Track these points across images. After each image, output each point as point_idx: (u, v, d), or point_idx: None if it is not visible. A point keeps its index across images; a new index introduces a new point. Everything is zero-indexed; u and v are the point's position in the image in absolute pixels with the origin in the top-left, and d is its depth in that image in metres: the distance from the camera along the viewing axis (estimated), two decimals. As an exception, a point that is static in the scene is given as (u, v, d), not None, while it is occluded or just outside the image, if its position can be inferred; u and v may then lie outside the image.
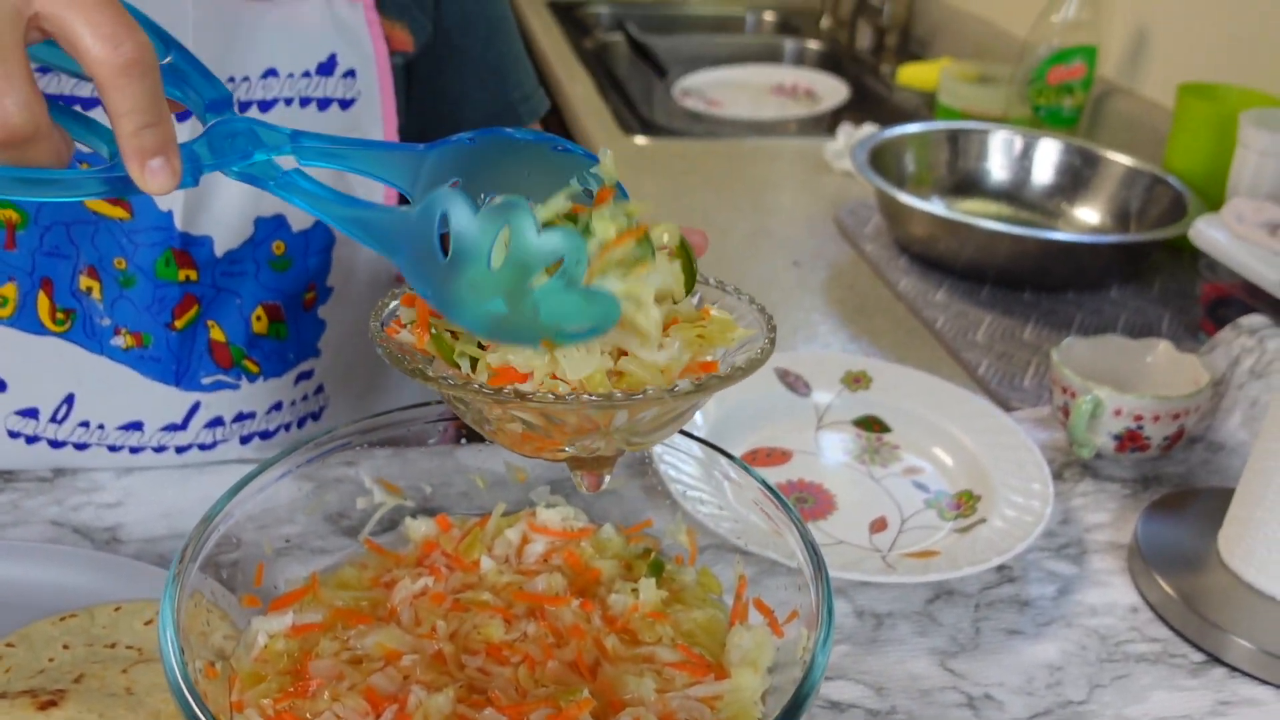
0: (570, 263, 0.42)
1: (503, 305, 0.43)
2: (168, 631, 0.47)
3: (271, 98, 0.74)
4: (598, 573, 0.57)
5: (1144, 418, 0.81)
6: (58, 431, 0.75)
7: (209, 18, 0.70)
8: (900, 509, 0.78)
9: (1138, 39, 1.49)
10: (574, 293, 0.42)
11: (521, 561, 0.59)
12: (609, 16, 2.22)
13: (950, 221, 1.11)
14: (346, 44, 0.76)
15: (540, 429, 0.47)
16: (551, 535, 0.60)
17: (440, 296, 0.44)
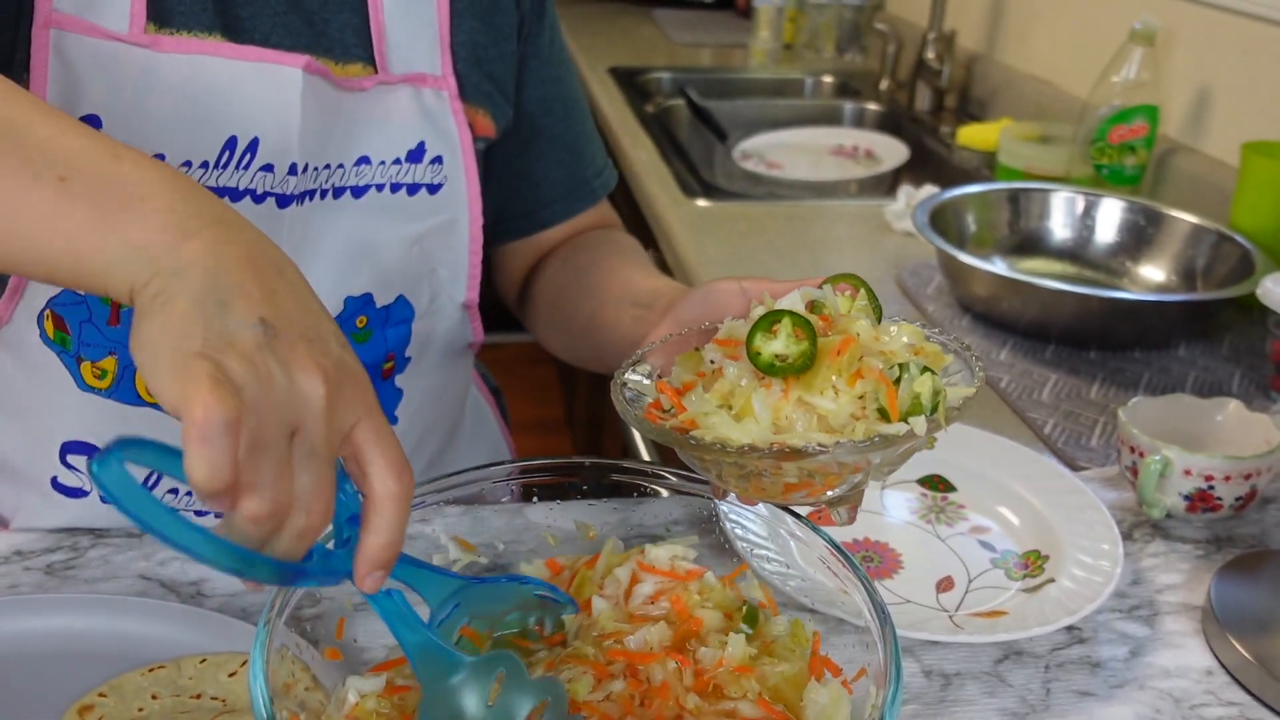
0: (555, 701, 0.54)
1: None
2: (258, 681, 0.49)
3: (365, 184, 0.78)
4: (700, 623, 0.58)
5: (1215, 478, 0.80)
6: (146, 494, 0.78)
7: (312, 109, 0.74)
8: (967, 568, 0.78)
9: (1200, 98, 1.49)
10: None
11: (630, 602, 0.60)
12: (670, 82, 2.27)
13: (1013, 281, 1.11)
14: (434, 132, 0.80)
15: (814, 476, 0.56)
16: (660, 575, 0.61)
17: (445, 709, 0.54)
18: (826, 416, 0.55)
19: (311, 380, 0.44)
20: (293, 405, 0.44)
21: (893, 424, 0.54)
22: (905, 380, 0.55)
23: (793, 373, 0.55)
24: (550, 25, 0.92)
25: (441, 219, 0.83)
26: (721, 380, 0.58)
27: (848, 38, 2.52)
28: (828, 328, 0.58)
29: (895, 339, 0.58)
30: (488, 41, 0.85)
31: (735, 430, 0.55)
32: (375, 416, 0.47)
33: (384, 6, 0.79)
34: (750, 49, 2.51)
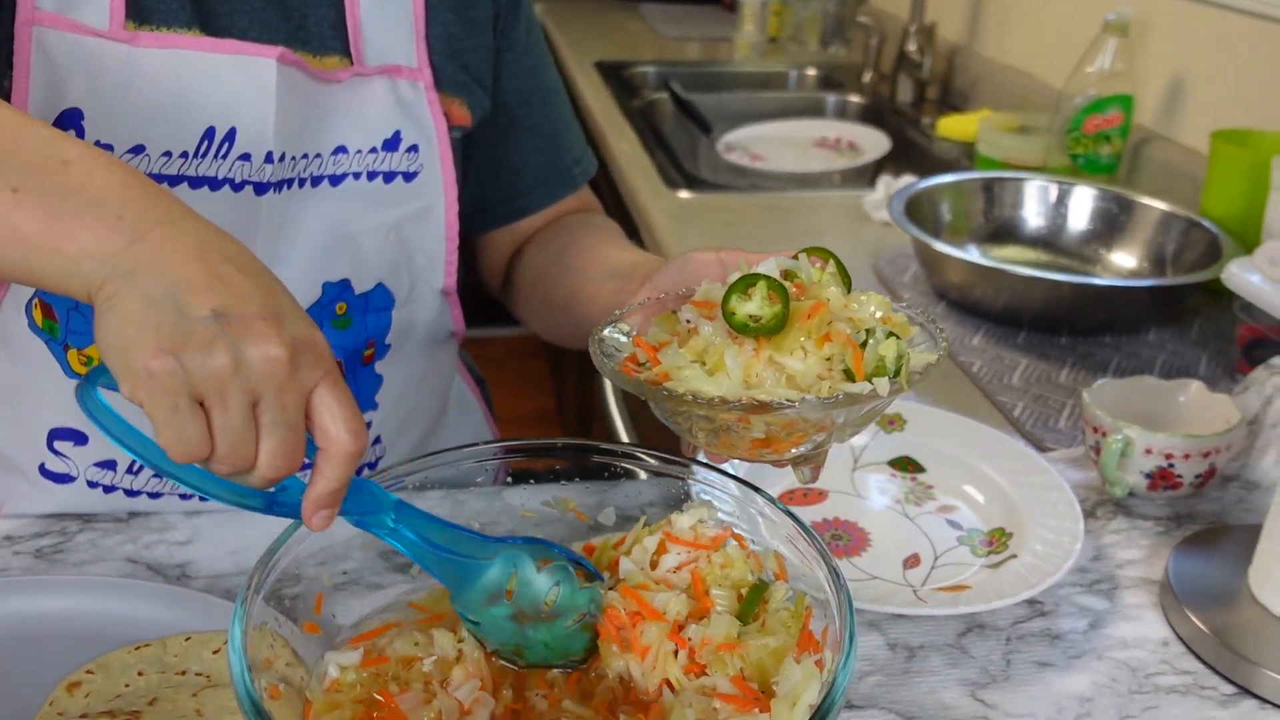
0: (594, 612, 0.59)
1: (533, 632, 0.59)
2: (237, 655, 0.51)
3: (341, 172, 0.80)
4: (711, 604, 0.60)
5: (1174, 456, 0.82)
6: (133, 482, 0.80)
7: (288, 99, 0.76)
8: (934, 546, 0.80)
9: (1173, 87, 1.51)
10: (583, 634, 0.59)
11: (656, 571, 0.62)
12: (654, 76, 2.29)
13: (985, 268, 1.13)
14: (409, 121, 0.81)
15: (780, 431, 0.59)
16: (684, 545, 0.63)
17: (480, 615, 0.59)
18: (795, 375, 0.57)
19: (267, 356, 0.48)
20: (251, 381, 0.48)
21: (857, 383, 0.56)
22: (871, 344, 0.57)
23: (765, 333, 0.58)
24: (526, 18, 0.94)
25: (417, 206, 0.84)
26: (696, 338, 0.61)
27: (831, 31, 2.54)
28: (800, 294, 0.60)
29: (864, 307, 0.60)
30: (463, 34, 0.87)
31: (707, 384, 0.58)
32: (334, 382, 0.51)
33: (361, 3, 0.81)
34: (735, 42, 2.53)
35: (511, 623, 0.59)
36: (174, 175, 0.74)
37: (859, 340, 0.58)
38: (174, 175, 0.74)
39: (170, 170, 0.74)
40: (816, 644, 0.58)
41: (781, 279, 0.61)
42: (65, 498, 0.81)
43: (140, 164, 0.74)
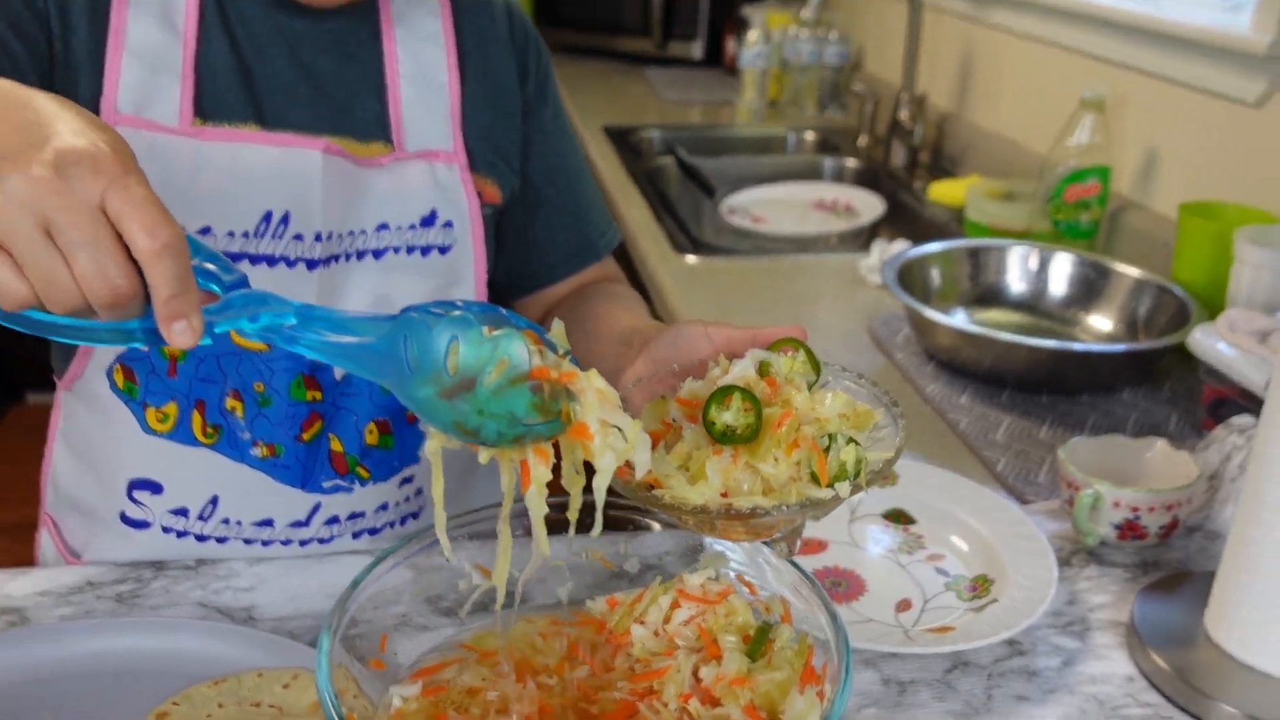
0: (515, 362, 0.56)
1: (457, 407, 0.56)
2: (326, 689, 0.59)
3: (384, 247, 0.89)
4: (719, 650, 0.68)
5: (1140, 509, 0.91)
6: (203, 528, 0.89)
7: (334, 181, 0.85)
8: (923, 591, 0.89)
9: (1147, 160, 1.62)
10: (521, 387, 0.56)
11: (669, 625, 0.71)
12: (660, 140, 2.40)
13: (971, 334, 1.23)
14: (445, 200, 0.91)
15: (767, 527, 0.66)
16: (694, 601, 0.72)
17: (417, 403, 0.57)
18: (769, 479, 0.66)
19: (28, 176, 0.48)
20: (23, 208, 0.48)
21: (822, 489, 0.65)
22: (834, 449, 0.65)
23: (741, 441, 0.66)
24: (553, 104, 1.04)
25: (452, 276, 0.94)
26: (681, 442, 0.69)
27: (828, 96, 2.65)
28: (773, 393, 0.68)
29: (829, 408, 0.68)
30: (495, 120, 0.97)
31: (690, 492, 0.65)
32: (123, 187, 0.50)
33: (402, 95, 0.91)
34: (737, 106, 2.65)
35: (442, 401, 0.56)
36: (236, 253, 0.84)
37: (824, 445, 0.66)
38: (236, 253, 0.84)
39: (234, 248, 0.84)
40: (818, 677, 0.66)
41: (758, 372, 0.70)
42: (142, 544, 0.90)
43: (208, 240, 0.83)
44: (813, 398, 0.70)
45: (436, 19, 0.93)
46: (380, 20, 0.91)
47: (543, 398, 0.57)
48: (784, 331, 0.74)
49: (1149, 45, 1.60)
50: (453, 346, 0.56)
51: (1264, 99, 1.39)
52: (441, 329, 0.56)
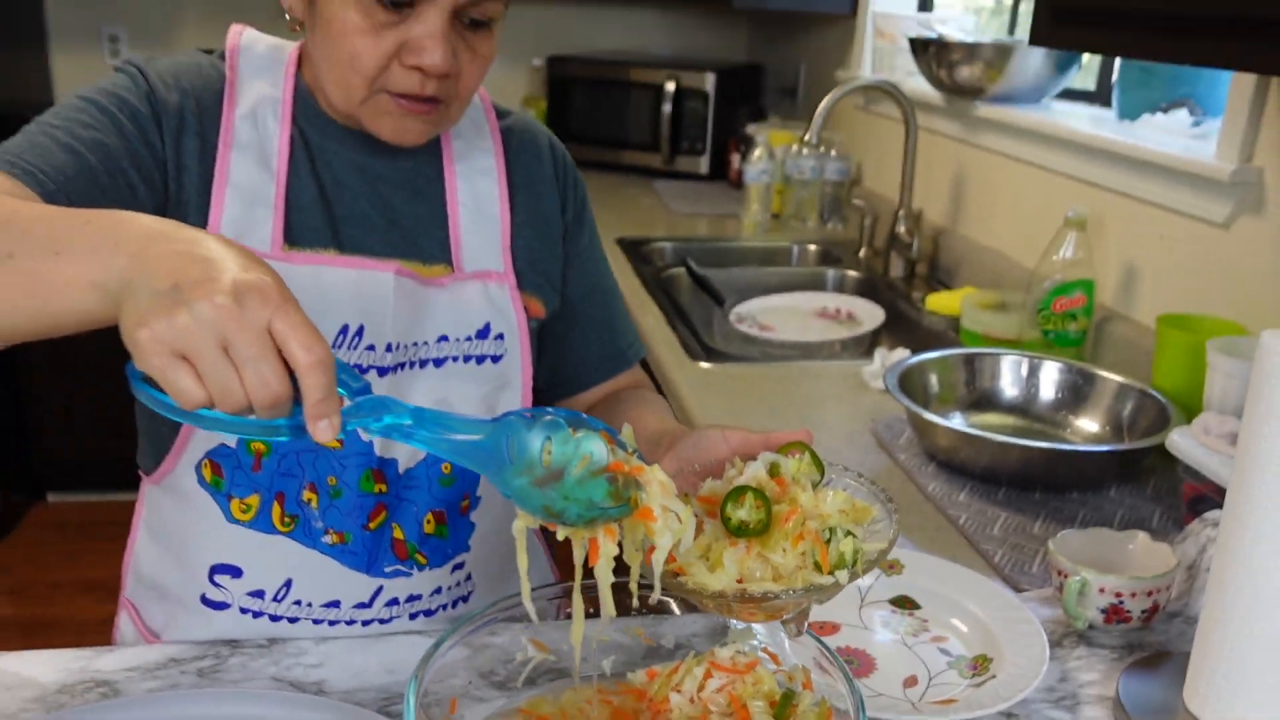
0: (597, 458, 0.68)
1: (546, 494, 0.68)
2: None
3: (444, 356, 1.01)
4: (748, 714, 0.77)
5: (1124, 594, 1.00)
6: (277, 608, 0.98)
7: (402, 299, 0.97)
8: (928, 669, 0.98)
9: (1127, 274, 1.75)
10: (600, 479, 0.69)
11: (703, 693, 0.80)
12: (671, 252, 2.54)
13: (968, 435, 1.33)
14: (497, 314, 1.03)
15: (776, 609, 0.75)
16: (724, 671, 0.81)
17: (513, 490, 0.68)
18: (778, 568, 0.75)
19: (214, 304, 0.59)
20: (210, 328, 0.59)
21: (824, 576, 0.74)
22: (834, 542, 0.75)
23: (753, 535, 0.76)
24: (589, 230, 1.16)
25: (501, 382, 1.05)
26: (702, 535, 0.78)
27: (829, 209, 2.81)
28: (781, 491, 0.78)
29: (830, 504, 0.78)
30: (539, 245, 1.09)
31: (710, 579, 0.75)
32: (285, 313, 0.61)
33: (461, 223, 1.04)
34: (742, 219, 2.80)
35: (534, 489, 0.68)
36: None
37: (825, 538, 0.76)
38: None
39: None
40: (838, 739, 0.75)
41: (768, 472, 0.80)
42: (220, 624, 0.99)
43: None
44: (816, 496, 0.80)
45: (491, 157, 1.06)
46: (444, 159, 1.04)
47: (617, 487, 0.69)
48: (792, 436, 0.85)
49: (1126, 169, 1.74)
50: (546, 445, 0.69)
51: (1231, 220, 1.53)
52: (537, 430, 0.69)
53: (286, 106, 0.98)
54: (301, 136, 0.99)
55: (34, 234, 0.67)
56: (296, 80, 1.00)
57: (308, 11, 0.93)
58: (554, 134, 1.16)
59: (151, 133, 0.92)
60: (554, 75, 3.51)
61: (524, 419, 0.69)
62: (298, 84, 1.00)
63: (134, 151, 0.90)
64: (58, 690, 0.90)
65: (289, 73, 0.99)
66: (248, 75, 0.98)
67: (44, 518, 3.37)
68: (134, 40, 3.67)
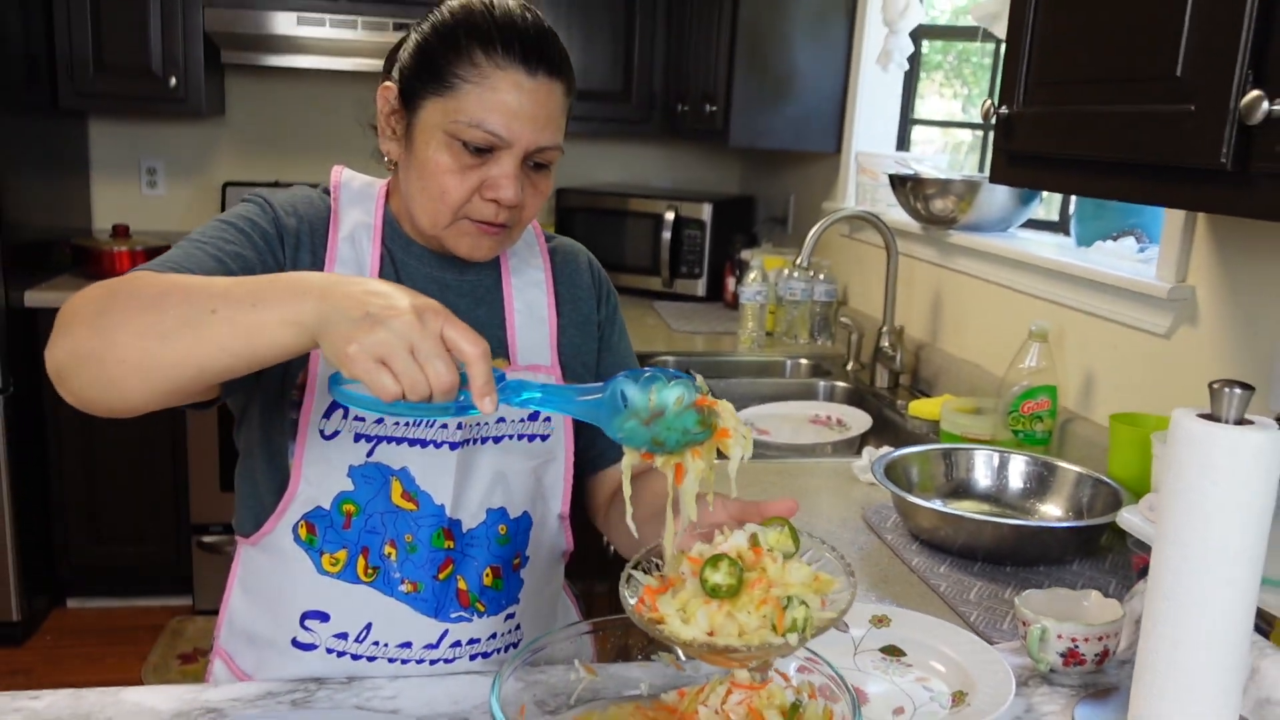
0: (688, 397, 0.91)
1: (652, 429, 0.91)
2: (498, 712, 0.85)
3: (501, 434, 1.20)
4: (763, 719, 0.94)
5: (1078, 639, 1.18)
6: (358, 649, 1.15)
7: None
8: (914, 702, 1.14)
9: (1086, 380, 1.96)
10: (691, 411, 0.91)
11: (726, 705, 0.96)
12: (674, 364, 2.76)
13: (948, 515, 1.52)
14: None
15: (737, 660, 0.90)
16: (743, 689, 0.97)
17: (625, 432, 0.90)
18: (744, 626, 0.89)
19: (404, 321, 0.82)
20: (401, 338, 0.82)
21: (776, 637, 0.88)
22: (790, 608, 0.89)
23: (725, 596, 0.88)
24: (620, 329, 1.36)
25: (548, 456, 1.23)
26: (683, 591, 0.93)
27: (818, 327, 3.04)
28: (756, 560, 0.93)
29: (794, 575, 0.91)
30: (580, 341, 1.29)
31: (684, 630, 0.88)
32: (454, 323, 0.84)
33: (516, 325, 1.24)
34: (739, 336, 3.02)
35: (642, 427, 0.90)
36: (399, 437, 1.14)
37: (784, 605, 0.87)
38: (399, 437, 1.14)
39: (398, 433, 1.14)
40: (838, 740, 0.92)
41: (750, 542, 0.94)
42: (308, 663, 1.15)
43: (379, 429, 1.13)
44: (784, 568, 0.91)
45: (541, 272, 1.28)
46: (502, 273, 1.25)
47: (703, 415, 0.91)
48: (779, 508, 1.00)
49: (1082, 289, 1.98)
50: (650, 391, 0.91)
51: (1171, 331, 1.75)
52: (643, 384, 0.92)
53: (377, 231, 1.19)
54: (389, 254, 1.20)
55: (232, 294, 0.89)
56: (385, 210, 1.22)
57: (404, 155, 1.15)
58: None
59: (278, 250, 1.13)
60: (562, 205, 3.79)
61: (629, 378, 0.92)
62: (386, 213, 1.22)
63: (265, 263, 1.11)
64: (173, 715, 1.07)
65: (379, 204, 1.21)
66: (346, 205, 1.20)
67: (64, 623, 3.48)
68: (169, 173, 3.95)
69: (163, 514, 3.47)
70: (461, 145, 1.10)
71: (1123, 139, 1.29)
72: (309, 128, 3.94)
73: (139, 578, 3.56)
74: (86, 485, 3.42)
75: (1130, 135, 1.28)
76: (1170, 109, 1.20)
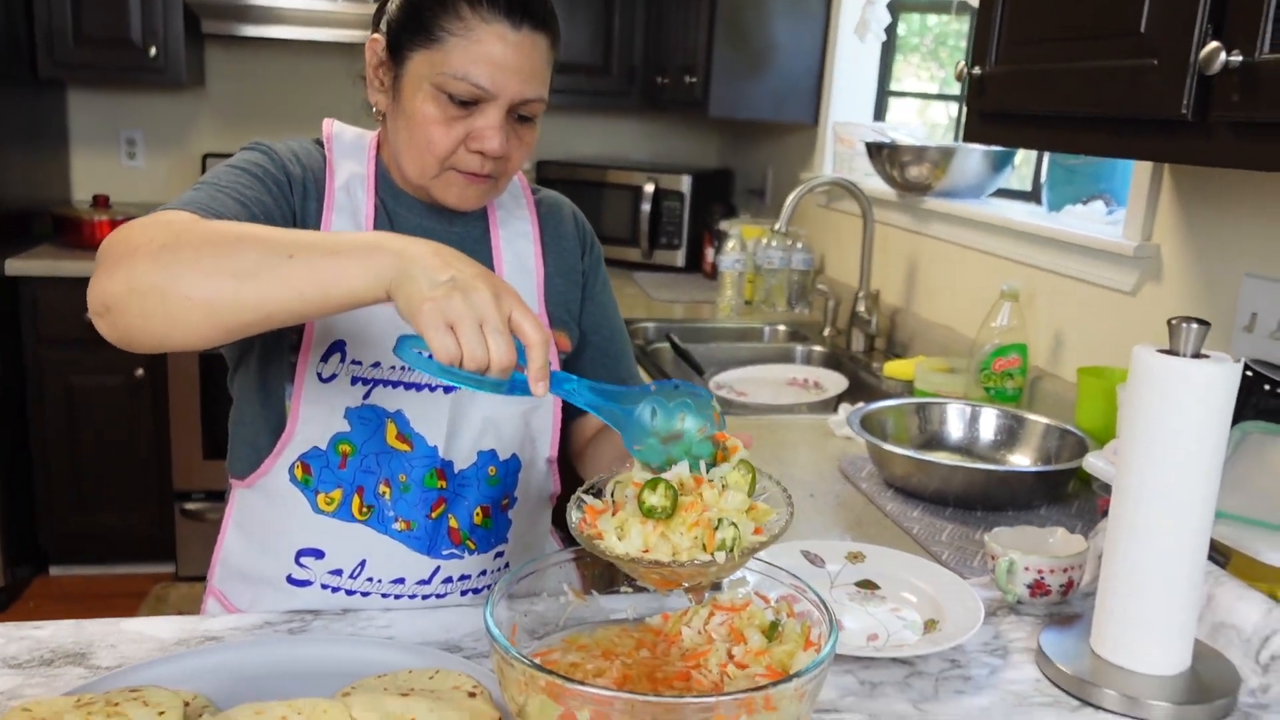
0: (708, 419, 0.93)
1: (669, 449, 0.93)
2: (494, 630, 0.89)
3: None
4: (744, 637, 0.99)
5: (1044, 570, 1.23)
6: (352, 584, 1.19)
7: None
8: (887, 630, 1.19)
9: (1056, 338, 2.02)
10: (708, 442, 0.93)
11: (708, 626, 1.01)
12: (655, 330, 2.80)
13: (920, 461, 1.57)
14: None
15: (666, 576, 0.94)
16: (724, 610, 1.02)
17: (645, 449, 0.93)
18: (676, 546, 0.93)
19: (481, 296, 0.86)
20: (475, 310, 0.85)
21: (706, 555, 0.92)
22: (720, 529, 0.93)
23: (660, 518, 0.94)
24: (602, 280, 1.40)
25: (537, 402, 1.27)
26: (621, 512, 0.97)
27: (796, 295, 3.09)
28: (697, 485, 0.96)
29: (729, 502, 0.93)
30: (565, 289, 1.33)
31: (618, 546, 0.91)
32: (523, 308, 0.88)
33: (505, 276, 1.27)
34: (718, 304, 3.07)
35: (661, 445, 0.94)
36: (395, 380, 1.18)
37: (715, 527, 0.91)
38: (395, 380, 1.18)
39: (394, 377, 1.18)
40: (815, 644, 0.97)
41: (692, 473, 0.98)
42: (302, 598, 1.19)
43: (376, 373, 1.17)
44: (721, 495, 0.94)
45: (527, 222, 1.31)
46: (489, 224, 1.29)
47: (718, 449, 0.94)
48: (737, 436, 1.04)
49: (1052, 250, 2.03)
50: (681, 415, 0.95)
51: (1137, 288, 1.81)
52: (675, 408, 0.95)
53: (371, 181, 1.22)
54: (382, 204, 1.23)
55: (307, 242, 0.92)
56: (377, 161, 1.25)
57: (392, 106, 1.19)
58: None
59: (290, 196, 1.16)
60: (542, 177, 3.81)
61: (662, 401, 0.94)
62: (378, 164, 1.25)
63: (281, 210, 1.14)
64: (175, 643, 1.10)
65: (371, 155, 1.24)
66: (340, 156, 1.23)
67: (48, 590, 3.50)
68: (149, 145, 3.95)
69: (145, 482, 3.49)
70: (447, 97, 1.13)
71: (1090, 94, 1.34)
72: (289, 99, 3.95)
73: (122, 545, 3.58)
74: (69, 453, 3.43)
75: (1097, 90, 1.32)
76: (1134, 64, 1.25)
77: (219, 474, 3.43)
